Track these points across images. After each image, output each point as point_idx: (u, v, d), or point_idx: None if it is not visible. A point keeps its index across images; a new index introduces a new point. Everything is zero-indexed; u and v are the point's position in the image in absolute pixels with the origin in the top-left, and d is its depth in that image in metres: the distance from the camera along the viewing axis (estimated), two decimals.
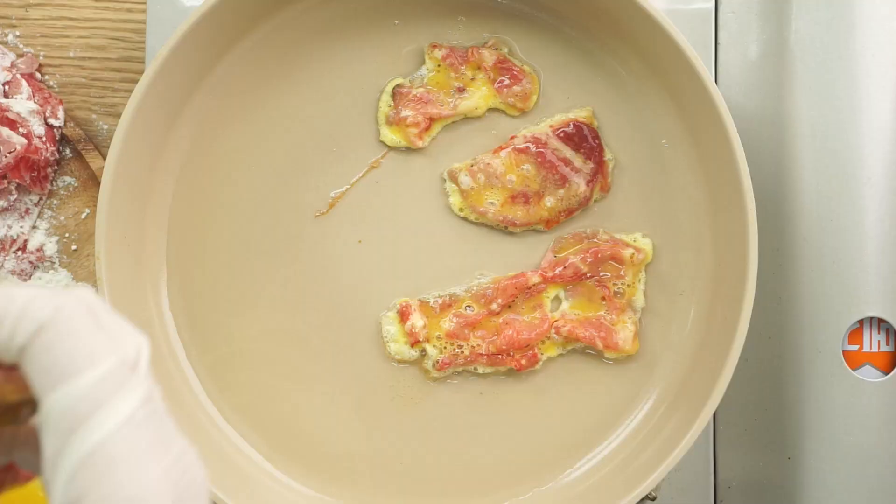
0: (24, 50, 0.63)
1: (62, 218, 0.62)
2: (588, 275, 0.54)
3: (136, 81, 0.53)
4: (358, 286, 0.54)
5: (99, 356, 0.25)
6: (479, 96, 0.54)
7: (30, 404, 0.28)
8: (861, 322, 0.55)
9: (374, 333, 0.54)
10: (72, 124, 0.61)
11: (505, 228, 0.54)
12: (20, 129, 0.59)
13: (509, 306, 0.54)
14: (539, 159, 0.54)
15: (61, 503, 0.24)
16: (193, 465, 0.27)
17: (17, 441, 0.30)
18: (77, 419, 0.24)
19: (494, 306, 0.53)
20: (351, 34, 0.54)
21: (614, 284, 0.54)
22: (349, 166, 0.55)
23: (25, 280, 0.61)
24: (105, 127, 0.63)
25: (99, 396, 0.25)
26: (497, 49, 0.54)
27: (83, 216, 0.62)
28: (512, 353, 0.53)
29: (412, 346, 0.53)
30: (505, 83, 0.54)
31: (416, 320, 0.53)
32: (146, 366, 0.27)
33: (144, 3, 0.62)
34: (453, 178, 0.54)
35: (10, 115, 0.59)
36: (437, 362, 0.53)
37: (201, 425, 0.53)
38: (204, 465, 0.27)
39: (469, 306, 0.54)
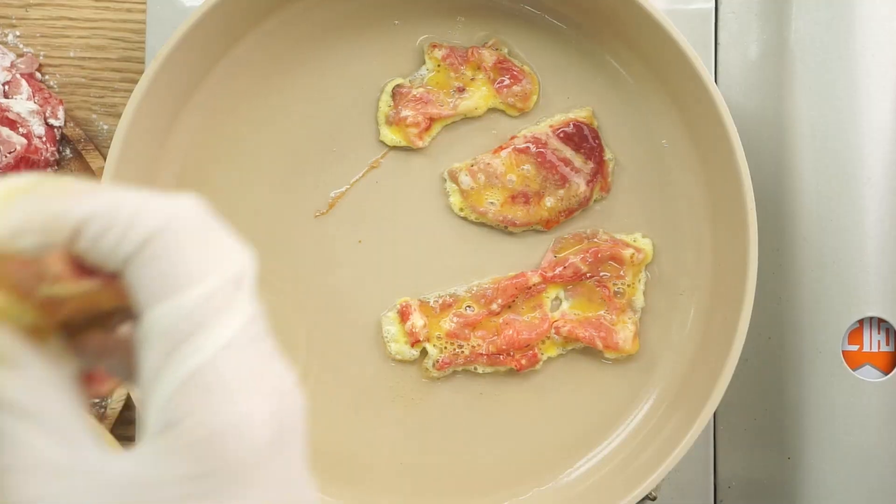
0: (24, 50, 0.63)
1: None
2: (588, 275, 0.54)
3: (136, 81, 0.53)
4: (358, 286, 0.54)
5: (207, 272, 0.24)
6: (479, 96, 0.54)
7: (121, 312, 0.27)
8: (861, 322, 0.55)
9: (375, 333, 0.54)
10: (72, 124, 0.61)
11: (505, 228, 0.54)
12: (20, 129, 0.59)
13: (509, 306, 0.54)
14: (539, 159, 0.54)
15: (158, 422, 0.23)
16: (292, 391, 0.25)
17: (106, 348, 0.28)
18: (180, 337, 0.23)
19: (494, 306, 0.53)
20: (351, 34, 0.54)
21: (614, 284, 0.54)
22: (349, 166, 0.55)
23: None
24: (105, 127, 0.63)
25: (204, 314, 0.24)
26: (497, 49, 0.54)
27: None
28: (512, 353, 0.53)
29: (412, 345, 0.53)
30: (505, 83, 0.54)
31: (417, 320, 0.53)
32: (251, 285, 0.25)
33: (144, 3, 0.62)
34: (453, 178, 0.54)
35: (10, 115, 0.59)
36: (437, 362, 0.53)
37: None
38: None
39: (469, 306, 0.54)
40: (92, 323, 0.28)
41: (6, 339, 0.24)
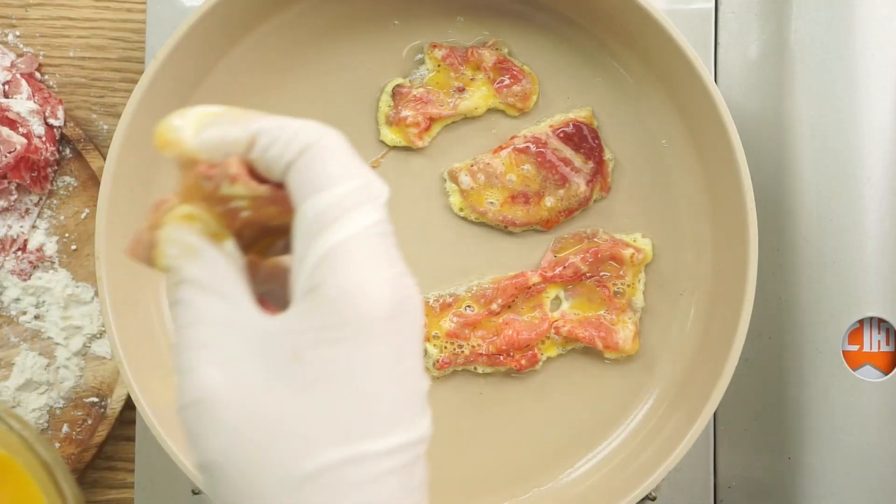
0: (24, 50, 0.63)
1: (62, 218, 0.62)
2: (588, 275, 0.54)
3: (135, 81, 0.53)
4: None
5: (350, 176, 0.30)
6: (479, 96, 0.54)
7: (285, 236, 0.32)
8: (861, 322, 0.55)
9: None
10: (72, 124, 0.61)
11: (505, 228, 0.54)
12: (20, 129, 0.59)
13: (509, 306, 0.54)
14: (539, 159, 0.54)
15: (301, 290, 0.29)
16: (412, 286, 0.31)
17: (271, 274, 0.34)
18: (324, 223, 0.29)
19: (494, 306, 0.53)
20: (351, 34, 0.54)
21: (614, 284, 0.54)
22: None
23: (25, 280, 0.61)
24: (105, 127, 0.63)
25: (344, 206, 0.29)
26: (497, 49, 0.54)
27: (83, 216, 0.62)
28: (512, 354, 0.53)
29: None
30: (505, 83, 0.54)
31: None
32: (383, 198, 0.31)
33: (144, 3, 0.62)
34: (453, 178, 0.54)
35: (10, 115, 0.59)
36: (437, 361, 0.53)
37: None
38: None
39: (469, 306, 0.54)
40: (262, 246, 0.34)
41: (195, 237, 0.31)
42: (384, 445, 0.29)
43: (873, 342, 0.55)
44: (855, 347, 0.55)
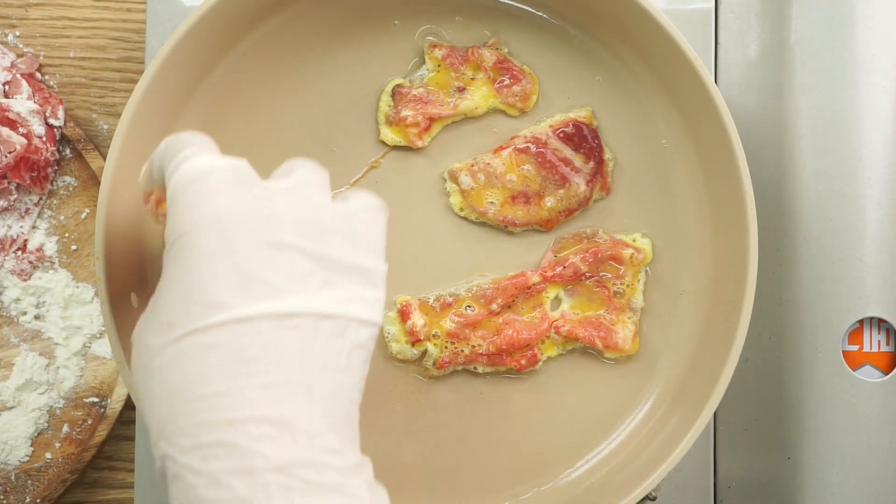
0: (24, 50, 0.63)
1: (62, 218, 0.62)
2: (588, 275, 0.54)
3: (136, 81, 0.53)
4: None
5: (191, 142, 0.40)
6: (479, 96, 0.54)
7: None
8: (861, 322, 0.55)
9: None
10: (72, 124, 0.61)
11: (505, 228, 0.54)
12: (20, 129, 0.59)
13: (509, 306, 0.54)
14: (539, 159, 0.54)
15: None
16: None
17: None
18: (171, 173, 0.39)
19: (494, 306, 0.53)
20: (351, 34, 0.54)
21: (614, 284, 0.54)
22: (349, 166, 0.55)
23: (25, 280, 0.61)
24: (105, 127, 0.63)
25: (187, 157, 0.39)
26: (497, 49, 0.54)
27: (83, 216, 0.62)
28: (512, 354, 0.53)
29: (413, 345, 0.53)
30: (505, 83, 0.54)
31: (417, 319, 0.53)
32: (209, 154, 0.39)
33: (144, 3, 0.62)
34: (454, 177, 0.54)
35: (10, 115, 0.59)
36: (438, 361, 0.53)
37: None
38: None
39: (469, 306, 0.54)
40: None
41: None
42: (209, 322, 0.35)
43: (873, 342, 0.55)
44: (855, 347, 0.55)
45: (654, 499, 0.51)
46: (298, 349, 0.36)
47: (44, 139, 0.60)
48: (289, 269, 0.37)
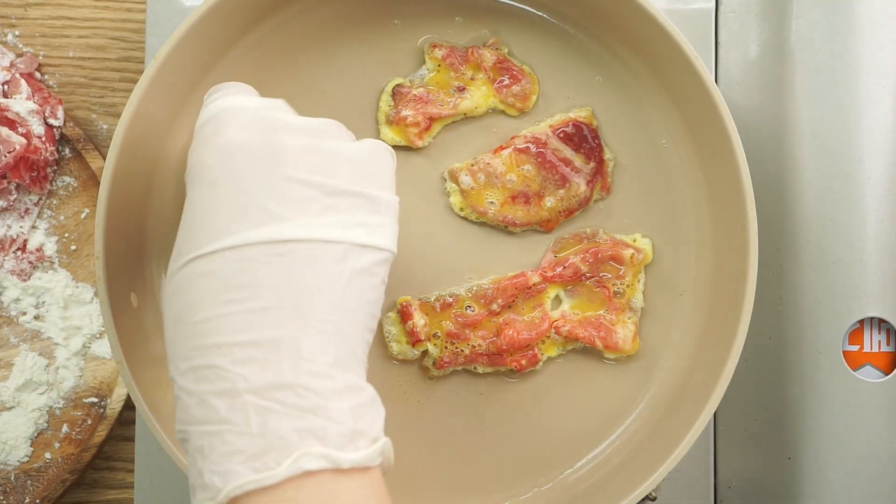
0: (24, 49, 0.63)
1: (62, 218, 0.62)
2: (588, 275, 0.54)
3: (135, 81, 0.53)
4: None
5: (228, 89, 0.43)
6: (479, 96, 0.54)
7: None
8: (861, 322, 0.55)
9: (376, 334, 0.54)
10: (71, 124, 0.61)
11: (505, 228, 0.54)
12: (20, 129, 0.59)
13: (509, 306, 0.54)
14: (539, 159, 0.54)
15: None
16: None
17: None
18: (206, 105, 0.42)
19: (494, 306, 0.53)
20: (351, 34, 0.54)
21: (614, 284, 0.54)
22: None
23: (25, 280, 0.61)
24: (105, 127, 0.63)
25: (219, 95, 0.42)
26: (497, 49, 0.54)
27: (83, 216, 0.62)
28: (512, 354, 0.53)
29: (414, 345, 0.53)
30: (505, 83, 0.54)
31: (417, 319, 0.53)
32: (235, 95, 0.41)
33: (144, 2, 0.62)
34: (454, 177, 0.54)
35: (10, 115, 0.59)
36: (438, 361, 0.53)
37: None
38: None
39: (469, 306, 0.54)
40: None
41: None
42: (205, 250, 0.37)
43: (874, 342, 0.55)
44: (855, 348, 0.55)
45: (654, 499, 0.51)
46: (291, 274, 0.37)
47: (43, 139, 0.60)
48: (288, 198, 0.37)
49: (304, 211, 0.38)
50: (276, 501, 0.34)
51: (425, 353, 0.54)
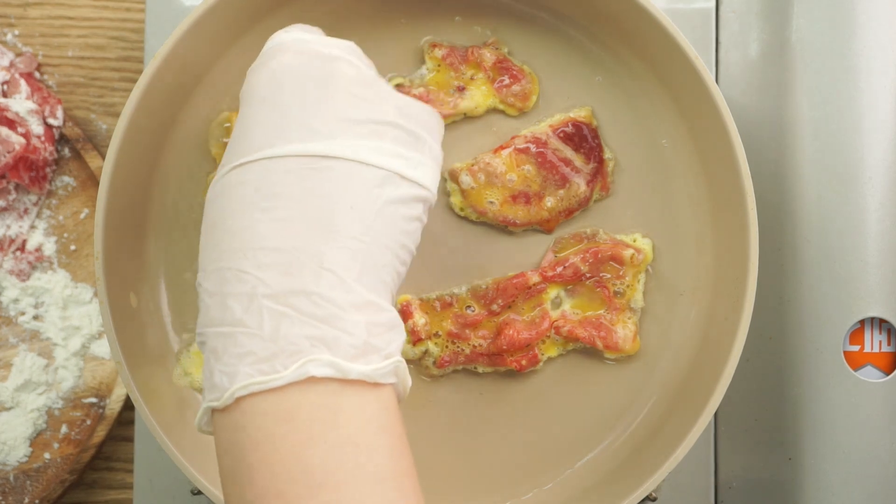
0: (23, 49, 0.63)
1: (61, 218, 0.62)
2: (588, 275, 0.54)
3: (135, 81, 0.53)
4: None
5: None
6: (478, 96, 0.54)
7: None
8: (862, 322, 0.55)
9: None
10: (70, 124, 0.61)
11: (505, 228, 0.54)
12: (19, 129, 0.59)
13: (510, 306, 0.54)
14: (539, 159, 0.54)
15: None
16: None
17: None
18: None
19: (495, 306, 0.53)
20: (350, 34, 0.54)
21: (614, 285, 0.54)
22: None
23: (24, 280, 0.61)
24: (104, 126, 0.63)
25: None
26: (497, 48, 0.54)
27: (82, 216, 0.62)
28: (512, 354, 0.53)
29: (415, 344, 0.53)
30: (505, 83, 0.54)
31: (418, 318, 0.53)
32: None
33: (143, 2, 0.62)
34: (454, 177, 0.54)
35: (9, 115, 0.59)
36: (438, 360, 0.53)
37: None
38: None
39: (469, 306, 0.54)
40: None
41: None
42: (244, 159, 0.38)
43: (874, 342, 0.55)
44: (856, 348, 0.55)
45: (654, 499, 0.51)
46: (325, 189, 0.37)
47: (42, 139, 0.60)
48: (331, 117, 0.38)
49: (346, 132, 0.38)
50: (279, 404, 0.35)
51: (425, 352, 0.54)
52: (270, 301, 0.35)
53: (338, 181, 0.37)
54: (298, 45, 0.40)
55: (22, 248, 0.61)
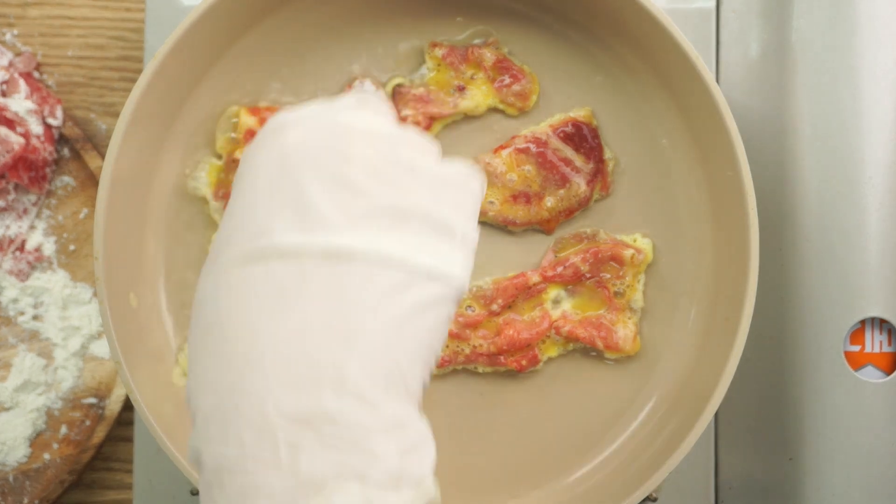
0: (23, 49, 0.63)
1: (60, 218, 0.62)
2: (588, 275, 0.54)
3: (134, 80, 0.53)
4: None
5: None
6: (479, 95, 0.54)
7: None
8: (863, 322, 0.55)
9: None
10: (70, 123, 0.61)
11: (505, 228, 0.54)
12: (18, 129, 0.59)
13: (510, 306, 0.54)
14: (540, 159, 0.54)
15: None
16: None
17: None
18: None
19: (495, 306, 0.53)
20: (350, 33, 0.54)
21: (614, 285, 0.54)
22: None
23: (23, 280, 0.61)
24: (104, 126, 0.63)
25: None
26: (497, 48, 0.54)
27: (81, 216, 0.62)
28: (512, 354, 0.53)
29: None
30: (505, 82, 0.54)
31: None
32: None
33: (143, 2, 0.62)
34: None
35: (8, 115, 0.59)
36: (438, 360, 0.53)
37: None
38: None
39: (469, 306, 0.54)
40: None
41: None
42: (250, 247, 0.33)
43: (875, 343, 0.55)
44: (856, 348, 0.55)
45: (654, 500, 0.51)
46: (344, 291, 0.32)
47: (42, 139, 0.60)
48: (349, 205, 0.33)
49: (367, 223, 0.33)
50: None
51: None
52: (286, 422, 0.30)
53: (358, 283, 0.32)
54: (307, 121, 0.35)
55: (21, 248, 0.61)
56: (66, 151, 0.62)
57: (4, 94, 0.60)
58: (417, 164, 0.35)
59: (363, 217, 0.33)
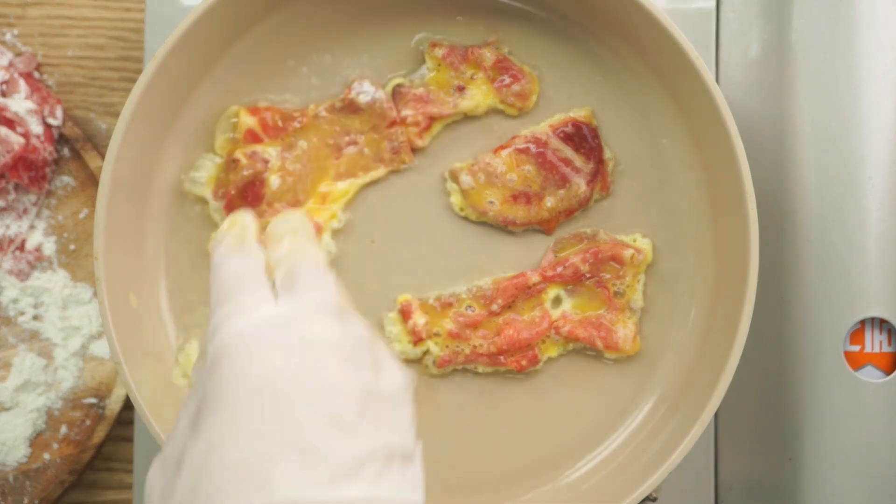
0: (23, 49, 0.63)
1: (60, 218, 0.62)
2: (588, 275, 0.54)
3: (134, 80, 0.53)
4: (358, 287, 0.54)
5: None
6: (479, 95, 0.54)
7: None
8: (863, 322, 0.55)
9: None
10: (70, 124, 0.61)
11: (505, 228, 0.54)
12: (18, 129, 0.59)
13: (510, 306, 0.54)
14: (540, 159, 0.54)
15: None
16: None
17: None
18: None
19: (495, 307, 0.53)
20: (350, 34, 0.54)
21: (614, 285, 0.54)
22: None
23: (23, 280, 0.61)
24: (104, 126, 0.63)
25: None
26: (497, 48, 0.54)
27: (81, 216, 0.62)
28: (513, 354, 0.53)
29: (415, 344, 0.53)
30: (505, 82, 0.54)
31: (418, 318, 0.53)
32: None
33: (143, 2, 0.62)
34: (454, 177, 0.54)
35: (8, 115, 0.59)
36: (438, 359, 0.53)
37: None
38: None
39: (469, 306, 0.54)
40: None
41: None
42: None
43: (875, 343, 0.55)
44: (856, 348, 0.55)
45: (654, 500, 0.51)
46: None
47: (42, 139, 0.60)
48: (352, 450, 0.32)
49: (367, 468, 0.32)
50: None
51: (426, 352, 0.53)
52: None
53: None
54: (256, 346, 0.33)
55: (21, 248, 0.61)
56: (66, 151, 0.62)
57: (4, 94, 0.60)
58: (378, 388, 0.35)
59: (362, 463, 0.32)
